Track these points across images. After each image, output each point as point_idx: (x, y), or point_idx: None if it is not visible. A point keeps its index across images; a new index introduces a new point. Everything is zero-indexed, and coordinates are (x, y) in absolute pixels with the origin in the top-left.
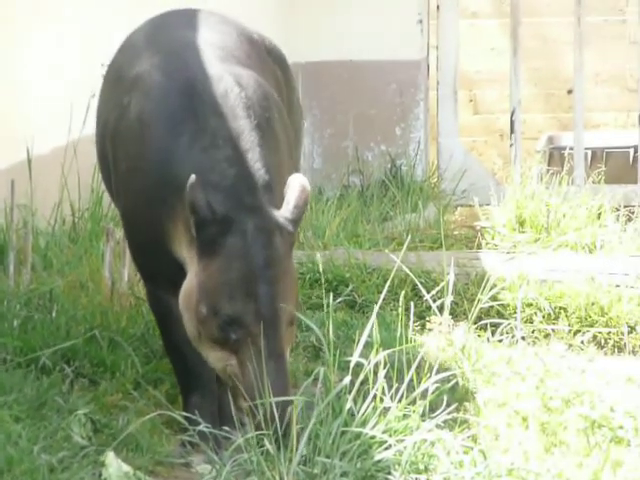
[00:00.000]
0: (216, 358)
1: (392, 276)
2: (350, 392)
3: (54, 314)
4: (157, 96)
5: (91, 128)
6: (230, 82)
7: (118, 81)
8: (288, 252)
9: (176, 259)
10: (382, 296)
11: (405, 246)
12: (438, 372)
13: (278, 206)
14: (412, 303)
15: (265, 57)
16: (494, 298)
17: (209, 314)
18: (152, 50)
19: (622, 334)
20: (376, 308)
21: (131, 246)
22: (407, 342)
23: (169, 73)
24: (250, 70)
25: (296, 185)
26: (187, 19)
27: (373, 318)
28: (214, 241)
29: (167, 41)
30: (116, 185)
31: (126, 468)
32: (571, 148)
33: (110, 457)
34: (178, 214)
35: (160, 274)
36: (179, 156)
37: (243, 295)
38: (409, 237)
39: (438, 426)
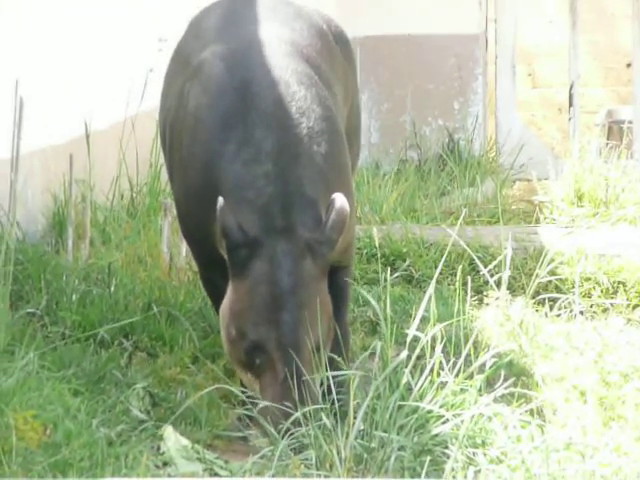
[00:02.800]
0: (246, 379)
1: (449, 251)
2: (407, 366)
3: (112, 288)
4: (214, 93)
5: (149, 103)
6: (286, 87)
7: (184, 67)
8: (319, 275)
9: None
10: (438, 270)
11: (460, 219)
12: (495, 347)
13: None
14: (469, 278)
15: (333, 47)
16: (552, 273)
17: (237, 337)
18: (219, 42)
19: None
20: (432, 282)
21: (183, 232)
22: (464, 317)
23: (229, 70)
24: (316, 68)
25: (335, 206)
26: (261, 10)
27: (429, 292)
28: (244, 264)
29: (236, 34)
30: (169, 171)
31: (184, 442)
32: (630, 122)
33: (168, 431)
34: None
35: (211, 259)
36: (223, 164)
37: (266, 321)
38: (465, 211)
39: (495, 400)
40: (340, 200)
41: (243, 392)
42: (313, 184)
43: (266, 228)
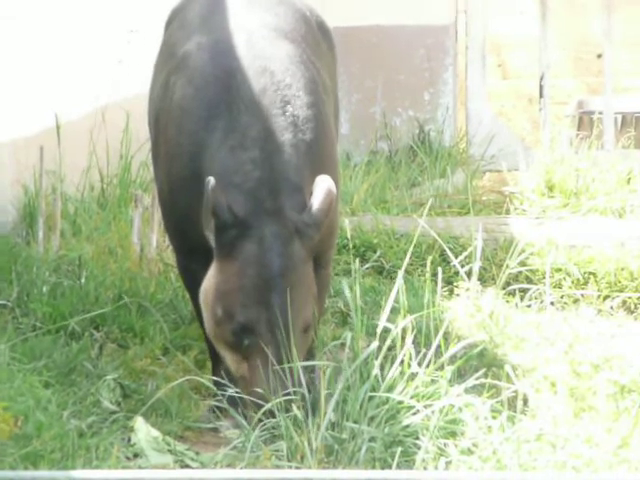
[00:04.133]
0: (230, 359)
1: (419, 241)
2: (377, 357)
3: (83, 280)
4: (198, 84)
5: (119, 94)
6: (271, 76)
7: (169, 58)
8: (306, 257)
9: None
10: (406, 260)
11: (427, 209)
12: (466, 338)
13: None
14: (440, 269)
15: (317, 34)
16: (523, 263)
17: (224, 317)
18: (203, 31)
19: None
20: (401, 273)
21: (167, 223)
22: (435, 307)
23: (213, 60)
24: (301, 51)
25: (321, 188)
26: None
27: (399, 283)
28: (232, 245)
29: (220, 23)
30: (154, 163)
31: (155, 433)
32: (600, 112)
33: (139, 422)
34: None
35: (193, 249)
36: (209, 152)
37: (256, 303)
38: (432, 201)
39: (466, 391)
40: (326, 182)
41: (214, 383)
42: (298, 171)
43: (255, 210)
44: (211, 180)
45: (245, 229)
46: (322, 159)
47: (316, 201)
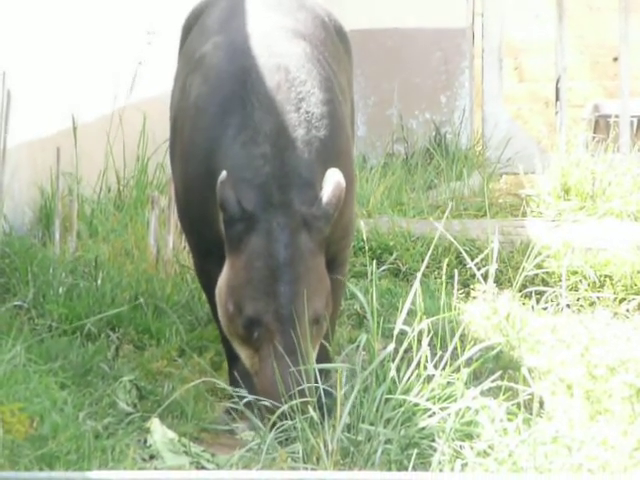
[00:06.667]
0: (244, 355)
1: (436, 244)
2: (394, 360)
3: (99, 281)
4: (213, 82)
5: (137, 96)
6: (286, 73)
7: (188, 61)
8: (316, 249)
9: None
10: (424, 263)
11: (447, 213)
12: (482, 340)
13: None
14: (456, 271)
15: (335, 39)
16: (539, 266)
17: (235, 312)
18: (221, 33)
19: None
20: (419, 276)
21: (183, 223)
22: (451, 310)
23: (229, 58)
24: (319, 53)
25: (330, 181)
26: (265, 2)
27: (416, 286)
28: (240, 239)
29: (238, 25)
30: (172, 164)
31: (171, 435)
32: (617, 116)
33: (155, 424)
34: None
35: (209, 249)
36: (223, 149)
37: (263, 294)
38: (452, 204)
39: (482, 394)
40: (335, 176)
41: (230, 385)
42: (310, 167)
43: (263, 204)
44: (223, 174)
45: (253, 222)
46: (336, 156)
47: (325, 194)
